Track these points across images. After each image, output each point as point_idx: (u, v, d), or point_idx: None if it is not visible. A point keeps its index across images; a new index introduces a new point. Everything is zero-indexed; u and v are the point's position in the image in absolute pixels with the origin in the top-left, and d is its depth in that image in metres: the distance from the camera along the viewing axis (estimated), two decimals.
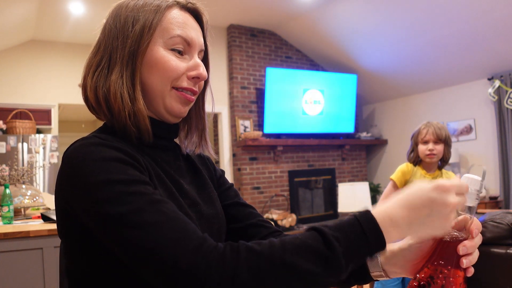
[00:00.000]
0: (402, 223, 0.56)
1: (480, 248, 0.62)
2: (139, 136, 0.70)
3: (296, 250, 0.53)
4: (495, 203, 4.68)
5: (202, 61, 0.76)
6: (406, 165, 2.32)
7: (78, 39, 4.96)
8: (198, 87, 0.76)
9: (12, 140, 4.34)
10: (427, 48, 4.79)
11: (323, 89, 5.53)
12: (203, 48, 0.76)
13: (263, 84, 5.30)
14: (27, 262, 1.85)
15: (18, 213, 2.48)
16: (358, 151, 6.16)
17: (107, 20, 0.73)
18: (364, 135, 6.05)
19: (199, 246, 0.53)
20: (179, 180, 0.73)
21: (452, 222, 0.57)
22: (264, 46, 5.55)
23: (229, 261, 0.52)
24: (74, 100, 5.05)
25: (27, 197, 2.49)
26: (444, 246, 0.61)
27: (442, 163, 2.28)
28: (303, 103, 5.37)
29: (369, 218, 0.56)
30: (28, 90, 4.80)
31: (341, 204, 3.65)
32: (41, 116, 4.81)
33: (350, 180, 5.98)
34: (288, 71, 5.33)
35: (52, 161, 4.55)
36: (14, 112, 4.50)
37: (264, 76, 5.27)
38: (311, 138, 5.48)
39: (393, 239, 0.56)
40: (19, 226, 2.03)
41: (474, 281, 1.62)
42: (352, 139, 5.89)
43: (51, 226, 1.95)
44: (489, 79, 4.81)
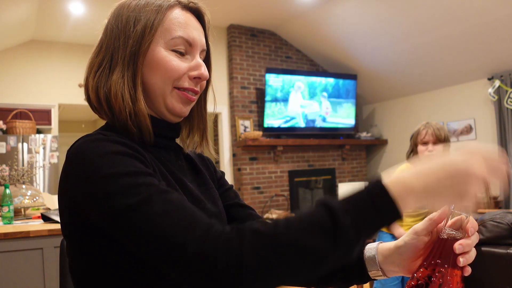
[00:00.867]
0: (418, 188, 0.52)
1: (480, 248, 0.62)
2: (140, 135, 0.70)
3: (301, 226, 0.52)
4: (495, 203, 4.67)
5: (204, 60, 0.76)
6: (406, 165, 2.32)
7: (78, 39, 4.96)
8: (200, 87, 0.76)
9: (12, 140, 4.34)
10: (427, 48, 4.79)
11: (323, 89, 5.53)
12: (205, 48, 0.77)
13: (263, 84, 5.30)
14: (27, 262, 1.86)
15: (18, 213, 2.48)
16: (358, 151, 6.16)
17: (108, 20, 0.73)
18: (364, 135, 6.05)
19: (206, 232, 0.53)
20: (182, 178, 0.73)
21: (478, 198, 0.53)
22: (264, 46, 5.55)
23: (235, 244, 0.52)
24: (74, 100, 5.05)
25: (27, 197, 2.49)
26: (441, 245, 0.61)
27: None
28: (303, 103, 5.37)
29: (379, 186, 0.53)
30: (28, 90, 4.80)
31: None
32: (41, 116, 4.81)
33: (350, 180, 5.98)
34: (288, 72, 5.33)
35: (52, 161, 4.55)
36: (14, 112, 4.50)
37: (264, 76, 5.27)
38: (311, 138, 5.48)
39: (408, 206, 0.52)
40: (19, 226, 2.03)
41: (474, 281, 1.62)
42: (352, 139, 5.89)
43: (51, 226, 1.95)
44: (489, 79, 4.81)
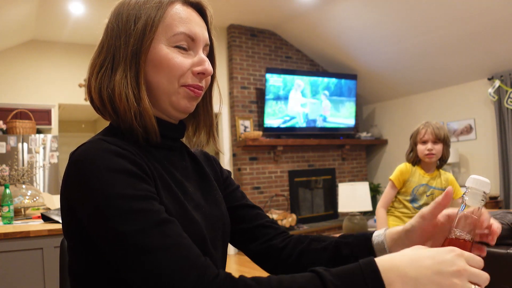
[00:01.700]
0: (409, 274, 0.53)
1: None
2: (146, 136, 0.69)
3: None
4: (495, 203, 4.67)
5: (208, 56, 0.75)
6: (405, 165, 2.32)
7: (78, 39, 4.96)
8: (205, 83, 0.74)
9: (12, 140, 4.35)
10: (427, 48, 4.79)
11: (325, 87, 5.53)
12: (208, 42, 0.75)
13: (263, 84, 5.30)
14: (27, 262, 1.86)
15: (18, 213, 2.48)
16: (358, 151, 6.16)
17: (109, 20, 0.72)
18: (364, 135, 6.05)
19: (200, 276, 0.53)
20: (184, 183, 0.73)
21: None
22: (264, 46, 5.55)
23: None
24: (74, 100, 5.05)
25: (27, 197, 2.49)
26: (450, 245, 0.61)
27: (441, 163, 2.28)
28: (303, 101, 5.37)
29: (373, 269, 0.54)
30: (28, 90, 4.81)
31: (341, 204, 3.65)
32: (41, 116, 4.81)
33: (350, 180, 5.98)
34: (288, 72, 5.33)
35: (52, 161, 4.55)
36: (14, 112, 4.51)
37: (264, 76, 5.27)
38: (311, 138, 5.48)
39: None
40: (19, 226, 2.03)
41: None
42: (352, 139, 5.89)
43: (51, 226, 1.95)
44: (489, 79, 4.81)
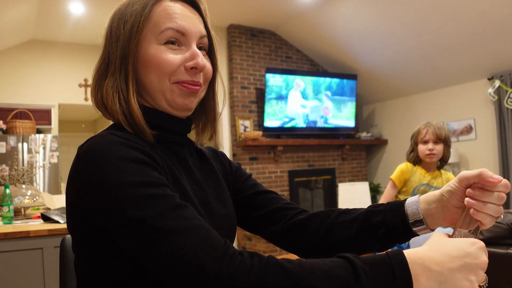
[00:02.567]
0: (434, 268, 0.54)
1: None
2: (141, 135, 0.69)
3: (324, 276, 0.52)
4: None
5: (208, 48, 0.75)
6: (406, 164, 2.32)
7: (78, 39, 4.96)
8: (205, 77, 0.73)
9: (12, 140, 4.35)
10: (427, 48, 4.79)
11: (327, 87, 5.53)
12: (204, 34, 0.73)
13: (263, 84, 5.30)
14: (27, 262, 1.86)
15: (18, 213, 2.48)
16: (358, 151, 6.16)
17: (107, 26, 0.73)
18: (364, 135, 6.05)
19: (223, 254, 0.53)
20: (191, 179, 0.73)
21: (480, 281, 0.56)
22: (264, 46, 5.55)
23: (256, 272, 0.51)
24: (74, 100, 5.05)
25: (27, 197, 2.49)
26: None
27: (442, 163, 2.29)
28: (303, 102, 5.37)
29: (401, 259, 0.54)
30: (28, 90, 4.81)
31: (341, 204, 3.65)
32: (41, 116, 4.81)
33: (350, 180, 5.98)
34: (288, 72, 5.33)
35: (52, 161, 4.55)
36: (14, 112, 4.50)
37: (264, 76, 5.27)
38: (311, 138, 5.48)
39: (422, 283, 0.54)
40: (19, 226, 2.03)
41: None
42: (352, 139, 5.89)
43: (51, 226, 1.95)
44: (489, 79, 4.81)
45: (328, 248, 0.77)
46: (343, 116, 5.71)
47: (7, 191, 2.17)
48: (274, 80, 5.15)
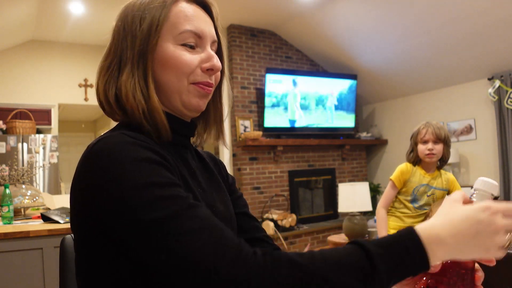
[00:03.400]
0: (449, 241, 0.54)
1: None
2: (157, 134, 0.68)
3: (338, 265, 0.52)
4: None
5: (216, 53, 0.75)
6: (406, 165, 2.32)
7: (78, 39, 4.96)
8: (215, 79, 0.74)
9: (12, 140, 4.35)
10: (427, 48, 4.79)
11: (323, 89, 5.52)
12: (216, 39, 0.75)
13: (263, 84, 5.30)
14: (27, 262, 1.86)
15: (18, 213, 2.48)
16: (358, 151, 6.16)
17: (116, 23, 0.72)
18: (364, 135, 6.05)
19: (238, 254, 0.52)
20: (196, 181, 0.73)
21: (502, 244, 0.56)
22: (264, 46, 5.55)
23: (270, 271, 0.51)
24: (74, 100, 5.06)
25: (27, 197, 2.49)
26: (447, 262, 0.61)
27: (441, 163, 2.28)
28: (303, 103, 5.37)
29: (413, 236, 0.54)
30: (28, 90, 4.81)
31: (341, 204, 3.65)
32: (41, 116, 4.81)
33: (350, 180, 5.98)
34: (288, 72, 5.33)
35: (52, 161, 4.55)
36: (14, 112, 4.51)
37: (264, 76, 5.27)
38: (311, 138, 5.48)
39: (439, 257, 0.54)
40: (19, 226, 2.03)
41: None
42: (352, 139, 5.89)
43: (51, 226, 1.95)
44: (489, 79, 4.80)
45: None
46: (342, 116, 5.72)
47: (7, 191, 2.17)
48: (274, 80, 5.15)
